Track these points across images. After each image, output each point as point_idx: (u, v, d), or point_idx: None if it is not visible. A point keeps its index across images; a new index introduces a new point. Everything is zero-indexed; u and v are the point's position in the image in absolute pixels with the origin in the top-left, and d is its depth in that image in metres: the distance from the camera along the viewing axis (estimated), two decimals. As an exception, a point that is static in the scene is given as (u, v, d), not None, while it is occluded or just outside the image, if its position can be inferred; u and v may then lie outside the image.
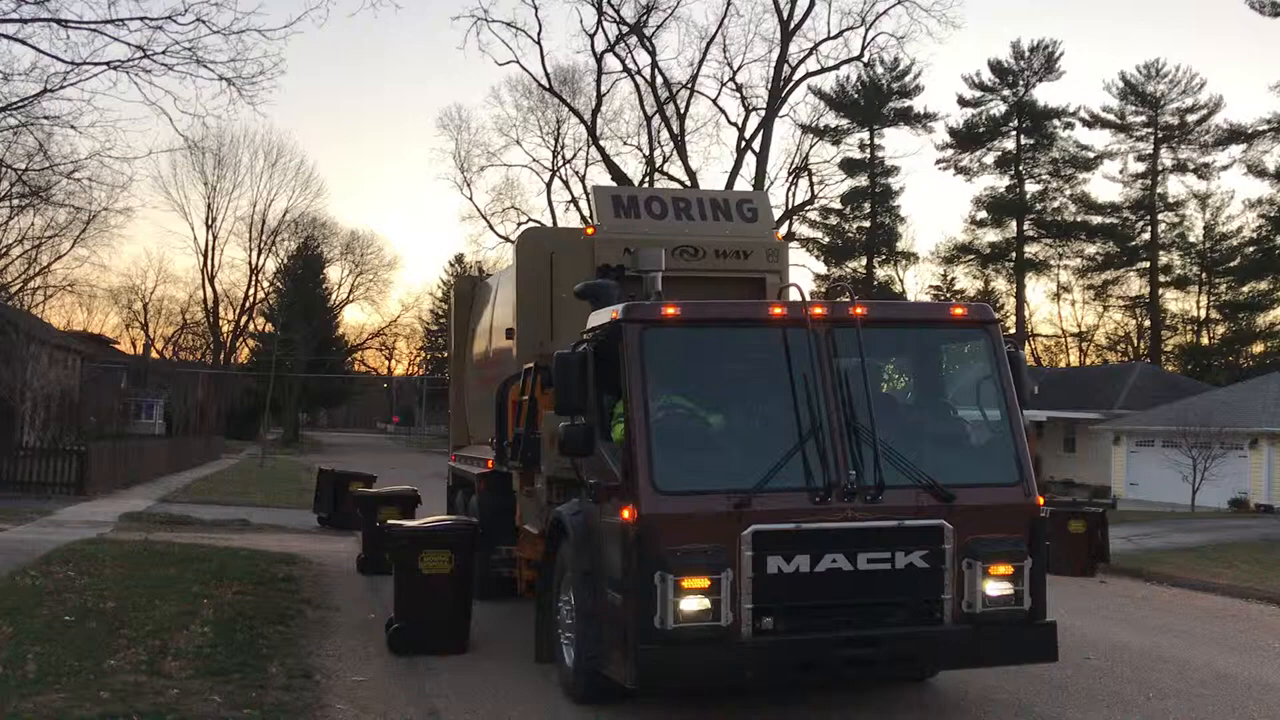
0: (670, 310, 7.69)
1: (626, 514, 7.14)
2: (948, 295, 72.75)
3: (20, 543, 16.12)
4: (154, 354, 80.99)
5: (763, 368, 7.83)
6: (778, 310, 7.80)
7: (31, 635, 9.35)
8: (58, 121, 23.69)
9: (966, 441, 8.25)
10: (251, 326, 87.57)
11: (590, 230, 10.52)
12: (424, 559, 10.10)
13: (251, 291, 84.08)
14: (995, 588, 7.37)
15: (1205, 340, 69.89)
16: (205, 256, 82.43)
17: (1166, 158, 69.27)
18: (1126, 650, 10.41)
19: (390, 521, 11.56)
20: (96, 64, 20.73)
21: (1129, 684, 9.29)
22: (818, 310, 7.71)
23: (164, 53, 20.12)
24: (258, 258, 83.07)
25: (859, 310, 7.73)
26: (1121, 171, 70.92)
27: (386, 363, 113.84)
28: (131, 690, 7.80)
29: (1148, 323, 70.75)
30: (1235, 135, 65.65)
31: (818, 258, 72.15)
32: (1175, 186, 70.19)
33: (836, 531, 7.19)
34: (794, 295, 8.77)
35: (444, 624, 10.09)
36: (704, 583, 6.91)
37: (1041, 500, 7.75)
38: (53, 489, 25.91)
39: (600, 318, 8.20)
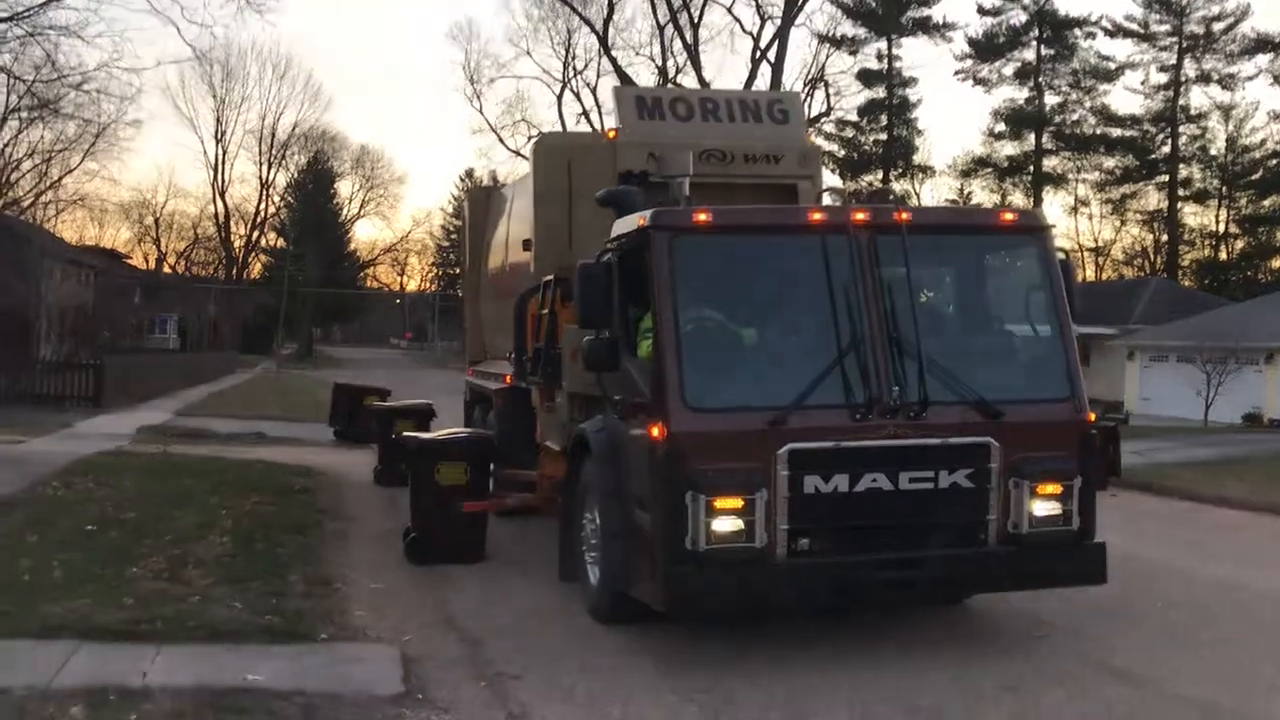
0: (702, 216, 7.32)
1: (655, 432, 6.86)
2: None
3: (41, 454, 16.21)
4: (167, 269, 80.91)
5: (800, 277, 7.46)
6: (817, 216, 7.42)
7: (56, 544, 9.44)
8: (64, 31, 23.28)
9: (1015, 355, 7.91)
10: (263, 242, 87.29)
11: (612, 134, 10.06)
12: (440, 470, 10.09)
13: (262, 206, 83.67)
14: (1043, 508, 7.09)
15: (1223, 255, 69.03)
16: (215, 170, 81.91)
17: (1190, 68, 67.62)
18: (1136, 562, 10.28)
19: (406, 433, 11.49)
20: None
21: (1139, 595, 9.16)
22: (859, 216, 7.30)
23: None
24: (268, 172, 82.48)
25: (904, 216, 7.32)
26: (1143, 83, 69.37)
27: (399, 278, 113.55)
28: (154, 597, 7.87)
29: (1165, 237, 69.82)
30: (1262, 44, 64.02)
31: (833, 171, 71.09)
32: (1198, 98, 68.67)
33: (877, 450, 6.89)
34: (829, 201, 8.41)
35: (460, 534, 10.09)
36: (737, 503, 6.65)
37: (1093, 416, 7.43)
38: (70, 402, 26.00)
39: (625, 226, 7.84)
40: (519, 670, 6.91)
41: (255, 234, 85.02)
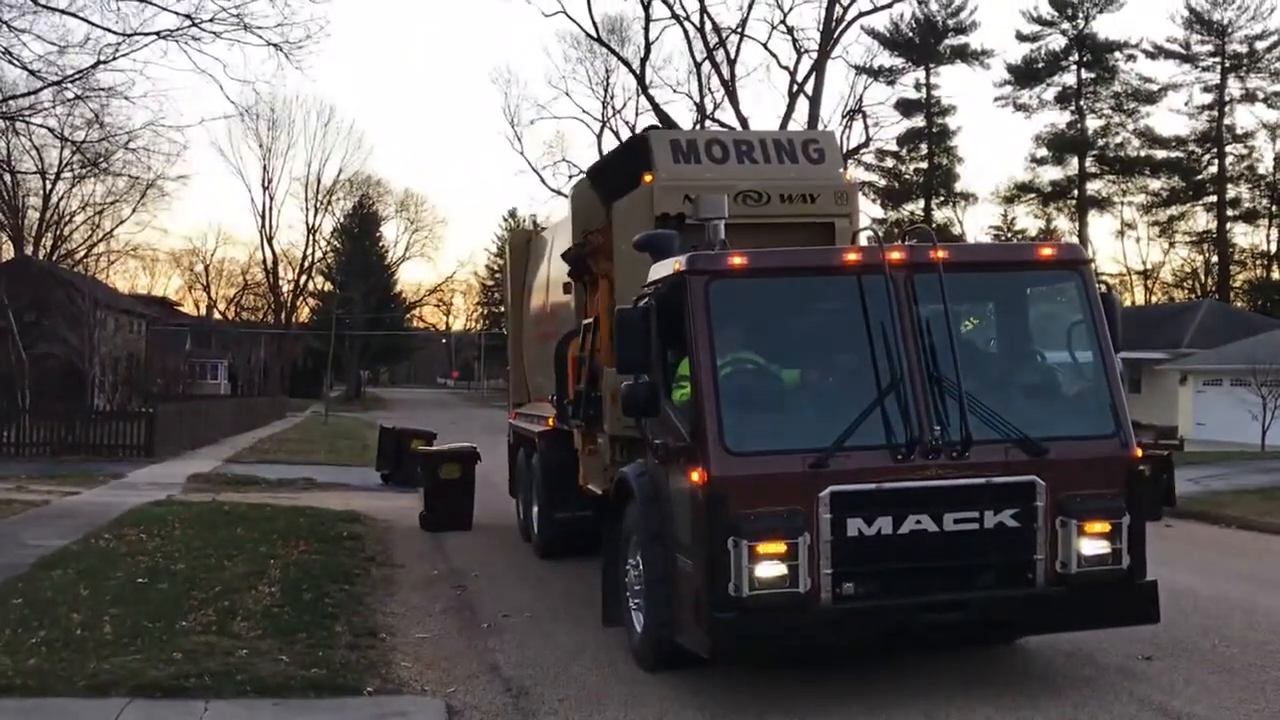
0: (737, 260, 7.31)
1: (695, 477, 6.83)
2: (1009, 236, 71.35)
3: (94, 505, 16.43)
4: (217, 315, 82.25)
5: (838, 318, 7.43)
6: (852, 256, 7.39)
7: (107, 597, 9.51)
8: (112, 92, 23.98)
9: (1058, 391, 7.81)
10: (311, 286, 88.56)
11: (648, 178, 10.09)
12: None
13: (310, 251, 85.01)
14: (1091, 546, 6.95)
15: (1276, 274, 67.85)
16: (263, 218, 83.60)
17: (1234, 88, 66.93)
18: (1193, 596, 10.06)
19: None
20: (146, 34, 21.01)
21: (1196, 632, 8.94)
22: (896, 255, 7.27)
23: (211, 20, 20.38)
24: (314, 217, 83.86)
25: (940, 254, 7.26)
26: (1187, 104, 68.75)
27: (445, 318, 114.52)
28: (203, 651, 7.88)
29: (1215, 258, 68.80)
30: (1308, 61, 63.15)
31: (874, 201, 71.02)
32: (1244, 117, 68.27)
33: (920, 491, 6.81)
34: (866, 239, 8.37)
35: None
36: (780, 548, 6.59)
37: (1140, 452, 7.30)
38: (123, 451, 26.32)
39: (662, 270, 7.85)
40: (564, 720, 6.88)
41: (303, 278, 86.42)
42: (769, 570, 6.59)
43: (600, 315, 9.94)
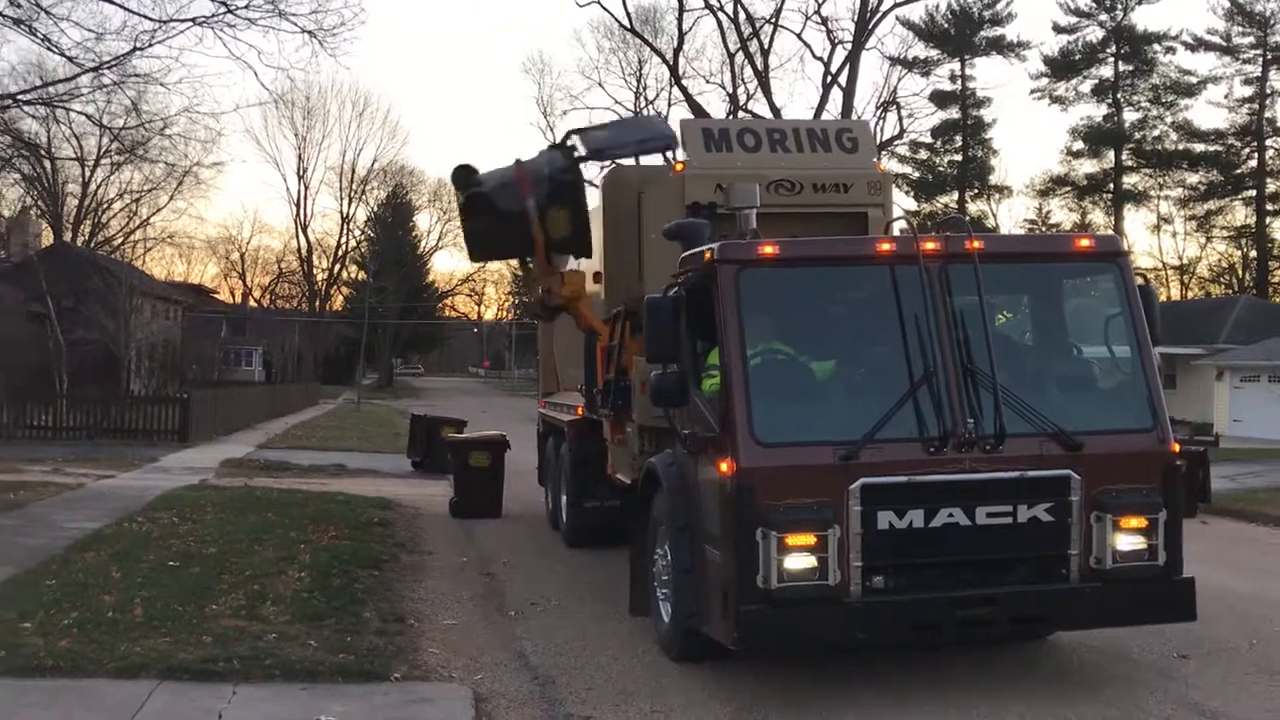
0: (768, 249, 7.23)
1: (724, 468, 6.78)
2: (1043, 229, 70.65)
3: (128, 489, 16.58)
4: (252, 303, 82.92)
5: (870, 309, 7.36)
6: (886, 246, 7.30)
7: (139, 580, 9.59)
8: (148, 79, 24.16)
9: (1094, 384, 7.70)
10: (344, 274, 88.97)
11: (679, 166, 10.02)
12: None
13: (343, 240, 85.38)
14: (1127, 542, 6.85)
15: (1316, 270, 66.82)
16: (298, 206, 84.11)
17: (1276, 80, 65.76)
18: (1230, 595, 9.91)
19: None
20: (182, 20, 21.16)
21: (1232, 631, 8.82)
22: (930, 245, 7.16)
23: (246, 7, 20.47)
24: (348, 206, 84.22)
25: (976, 244, 7.15)
26: (1226, 96, 67.62)
27: (477, 308, 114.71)
28: (232, 635, 7.94)
29: (1253, 253, 67.79)
30: (1352, 54, 62.03)
31: (907, 193, 70.48)
32: (1285, 110, 66.69)
33: (953, 484, 6.73)
34: (899, 229, 8.26)
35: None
36: (810, 540, 6.53)
37: (1177, 447, 7.17)
38: (157, 436, 26.58)
39: (692, 259, 7.79)
40: (590, 710, 6.86)
41: (337, 267, 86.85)
42: (798, 562, 6.53)
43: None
